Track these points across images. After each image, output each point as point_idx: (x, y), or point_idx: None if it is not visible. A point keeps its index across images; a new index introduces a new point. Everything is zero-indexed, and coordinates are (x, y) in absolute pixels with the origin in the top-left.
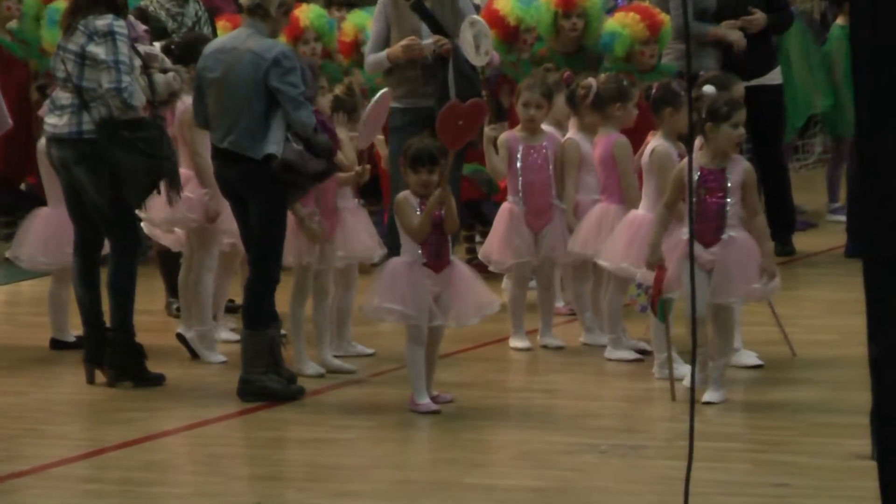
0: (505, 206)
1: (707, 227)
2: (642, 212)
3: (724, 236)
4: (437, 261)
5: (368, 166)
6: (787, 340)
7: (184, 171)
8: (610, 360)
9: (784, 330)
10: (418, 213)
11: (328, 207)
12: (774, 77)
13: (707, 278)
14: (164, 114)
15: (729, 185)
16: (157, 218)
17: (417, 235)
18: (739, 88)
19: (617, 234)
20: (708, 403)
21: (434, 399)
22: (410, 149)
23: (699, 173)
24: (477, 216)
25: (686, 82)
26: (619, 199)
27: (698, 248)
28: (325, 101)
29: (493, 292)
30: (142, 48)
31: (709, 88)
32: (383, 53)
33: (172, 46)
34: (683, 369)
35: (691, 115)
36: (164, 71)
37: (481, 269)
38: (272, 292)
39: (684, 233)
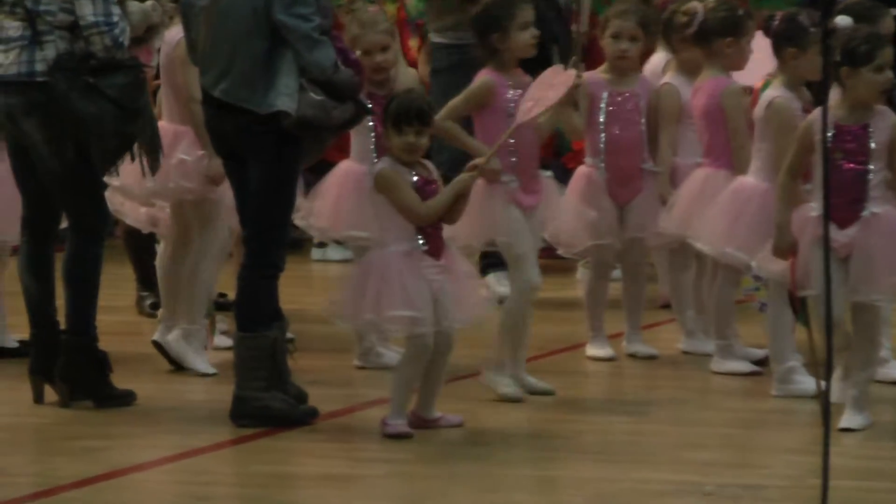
0: (581, 170)
1: (842, 201)
2: (752, 180)
3: (865, 213)
4: (437, 246)
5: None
6: None
7: (173, 127)
8: (717, 373)
9: None
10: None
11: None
12: None
13: (843, 268)
14: (141, 54)
15: (872, 145)
16: (138, 188)
17: (426, 217)
18: (888, 22)
19: (719, 210)
20: (846, 430)
21: (436, 421)
22: (393, 103)
23: (833, 131)
24: None
25: (820, 11)
26: (727, 164)
27: (831, 228)
28: None
29: (483, 288)
30: None
31: (843, 20)
32: None
33: None
34: (809, 384)
35: (828, 53)
36: None
37: (549, 253)
38: (274, 282)
39: (813, 209)
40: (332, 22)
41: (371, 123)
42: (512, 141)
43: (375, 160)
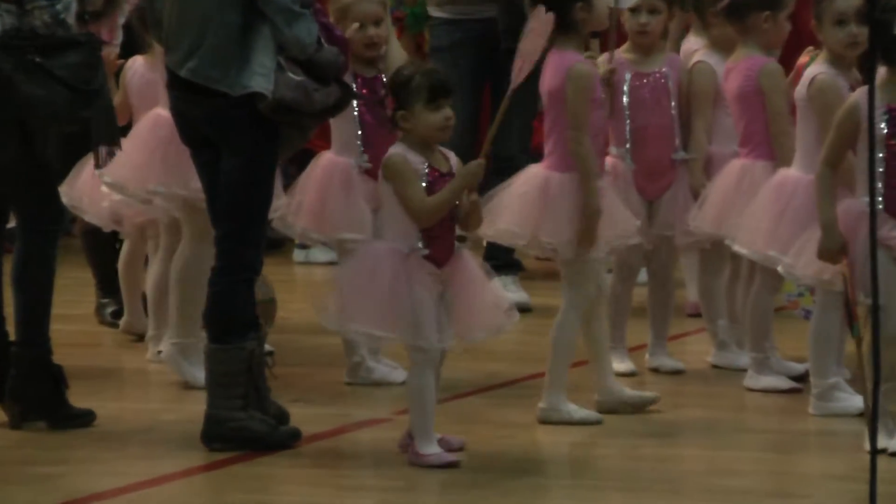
0: (605, 161)
1: None
2: (795, 171)
3: None
4: (443, 251)
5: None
6: None
7: (150, 115)
8: (752, 389)
9: None
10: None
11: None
12: None
13: None
14: (100, 31)
15: None
16: (130, 186)
17: (429, 216)
18: None
19: (759, 207)
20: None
21: (438, 443)
22: (415, 78)
23: (886, 115)
24: None
25: None
26: (766, 153)
27: (886, 225)
28: None
29: (506, 298)
30: None
31: None
32: None
33: None
34: (851, 403)
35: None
36: None
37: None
38: (250, 287)
39: (864, 203)
40: None
41: (356, 112)
42: None
43: (363, 152)
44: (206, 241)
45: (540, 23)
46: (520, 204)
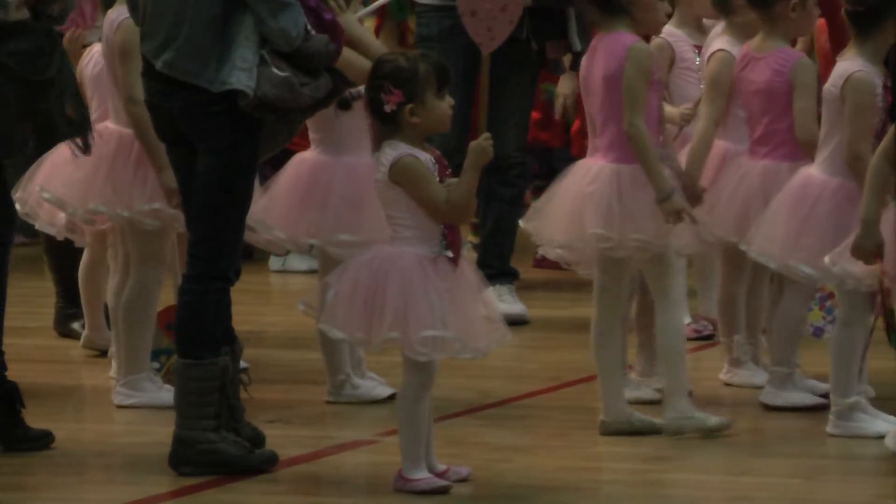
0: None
1: None
2: (820, 174)
3: None
4: (458, 251)
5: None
6: None
7: (118, 129)
8: (772, 407)
9: None
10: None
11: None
12: None
13: None
14: (56, 15)
15: None
16: (71, 203)
17: (461, 210)
18: None
19: (779, 211)
20: None
21: (441, 475)
22: (420, 66)
23: None
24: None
25: None
26: (791, 154)
27: None
28: None
29: (499, 313)
30: None
31: None
32: None
33: None
34: (873, 425)
35: None
36: None
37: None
38: (224, 297)
39: None
40: None
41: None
42: None
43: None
44: (153, 265)
45: None
46: (594, 203)
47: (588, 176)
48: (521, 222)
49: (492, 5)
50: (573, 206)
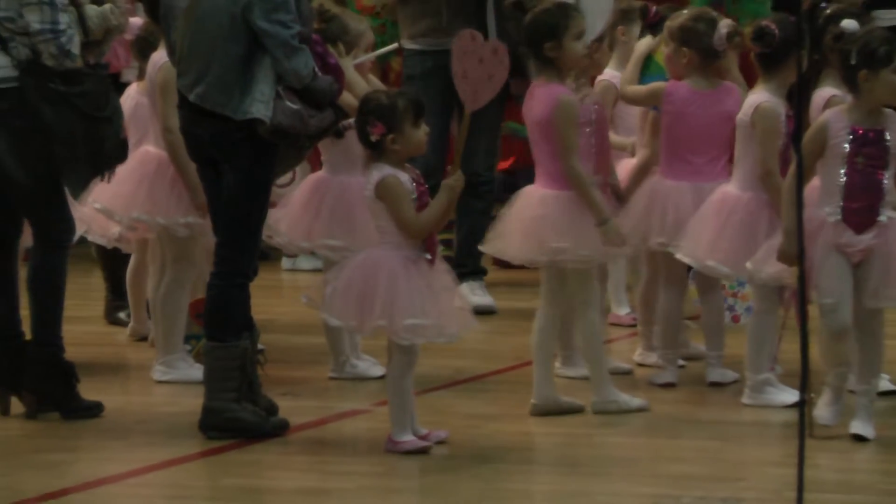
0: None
1: (860, 206)
2: (735, 189)
3: (882, 218)
4: (434, 253)
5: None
6: None
7: (157, 153)
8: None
9: None
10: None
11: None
12: None
13: (854, 275)
14: (98, 59)
15: (890, 150)
16: (117, 212)
17: (421, 233)
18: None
19: (701, 219)
20: (859, 438)
21: (424, 438)
22: (400, 100)
23: (850, 135)
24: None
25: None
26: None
27: (846, 233)
28: None
29: (469, 305)
30: None
31: (850, 24)
32: None
33: None
34: (783, 396)
35: (806, 52)
36: (98, 2)
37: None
38: (245, 291)
39: (828, 213)
40: (313, 28)
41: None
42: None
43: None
44: (185, 265)
45: (467, 42)
46: (550, 223)
47: (534, 201)
48: (480, 247)
49: (481, 73)
50: (528, 229)
